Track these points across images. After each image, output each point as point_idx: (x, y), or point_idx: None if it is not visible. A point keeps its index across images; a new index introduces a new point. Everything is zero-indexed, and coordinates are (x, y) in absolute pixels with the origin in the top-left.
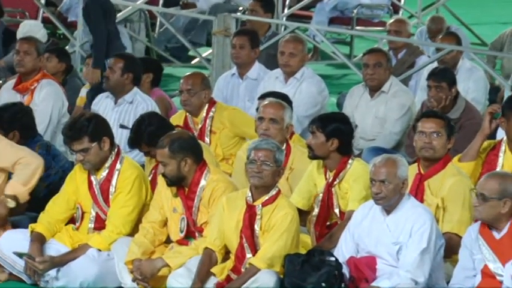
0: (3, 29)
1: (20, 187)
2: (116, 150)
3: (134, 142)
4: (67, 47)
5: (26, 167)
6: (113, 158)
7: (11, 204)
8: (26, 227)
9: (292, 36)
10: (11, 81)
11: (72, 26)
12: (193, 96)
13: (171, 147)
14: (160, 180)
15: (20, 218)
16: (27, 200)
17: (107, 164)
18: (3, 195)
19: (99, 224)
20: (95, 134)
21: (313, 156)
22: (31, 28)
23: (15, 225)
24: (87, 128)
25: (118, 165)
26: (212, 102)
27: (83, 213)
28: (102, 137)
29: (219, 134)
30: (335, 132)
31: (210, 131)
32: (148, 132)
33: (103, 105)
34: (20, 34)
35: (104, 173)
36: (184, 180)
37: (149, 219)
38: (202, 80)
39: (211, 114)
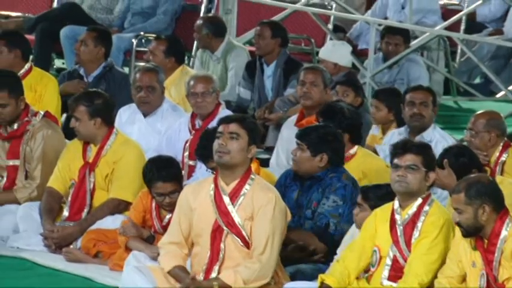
0: (286, 59)
1: (240, 283)
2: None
3: None
4: None
5: (257, 268)
6: (422, 200)
7: None
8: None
9: None
10: (293, 117)
11: (362, 55)
12: (475, 137)
13: (468, 193)
14: (458, 230)
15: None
16: None
17: (415, 204)
18: (217, 278)
19: (395, 272)
20: None
21: None
22: (334, 48)
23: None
24: None
25: (426, 207)
26: (506, 145)
27: (380, 258)
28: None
29: None
30: None
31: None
32: (460, 163)
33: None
34: (322, 53)
35: (410, 212)
36: (481, 231)
37: (446, 274)
38: (488, 120)
39: (503, 158)
